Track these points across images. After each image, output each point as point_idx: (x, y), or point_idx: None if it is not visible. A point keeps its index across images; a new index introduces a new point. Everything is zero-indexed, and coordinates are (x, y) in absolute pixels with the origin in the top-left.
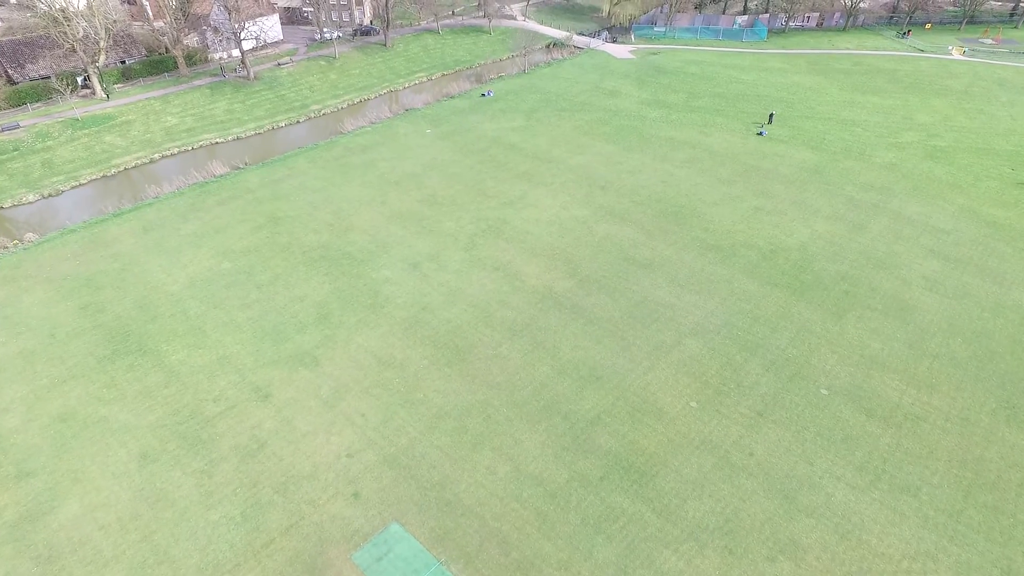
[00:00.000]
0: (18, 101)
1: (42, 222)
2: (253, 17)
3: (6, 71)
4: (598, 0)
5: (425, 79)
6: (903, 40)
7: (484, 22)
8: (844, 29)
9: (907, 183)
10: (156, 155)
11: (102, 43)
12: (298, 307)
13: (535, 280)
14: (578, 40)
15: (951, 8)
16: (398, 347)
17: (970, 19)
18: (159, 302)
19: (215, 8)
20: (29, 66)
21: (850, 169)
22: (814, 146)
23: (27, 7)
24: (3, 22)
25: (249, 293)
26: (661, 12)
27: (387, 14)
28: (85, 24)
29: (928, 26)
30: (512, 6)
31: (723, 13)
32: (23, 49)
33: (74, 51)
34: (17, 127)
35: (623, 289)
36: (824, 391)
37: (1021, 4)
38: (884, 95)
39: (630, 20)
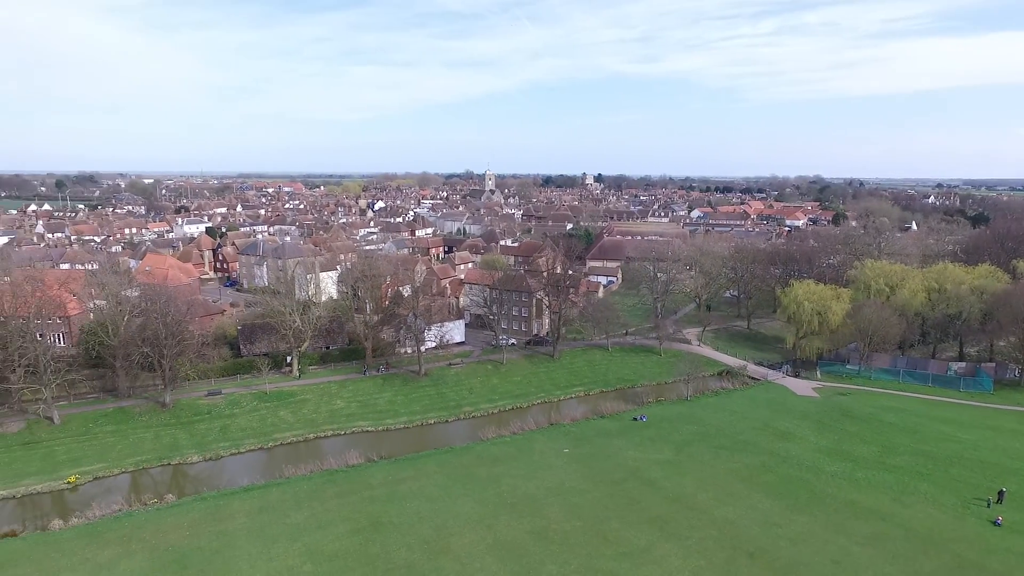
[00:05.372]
0: (234, 371)
1: (185, 485)
2: (441, 321)
3: (239, 346)
4: (782, 331)
5: (583, 394)
6: None
7: (656, 343)
8: None
9: None
10: (311, 435)
11: (309, 333)
12: None
13: None
14: (754, 370)
15: None
16: None
17: None
18: None
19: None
20: (255, 344)
21: None
22: None
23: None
24: (251, 306)
25: None
26: (854, 349)
27: (558, 328)
28: (298, 320)
29: None
30: (688, 330)
31: (932, 357)
32: (257, 330)
33: (285, 338)
34: (219, 393)
35: None
36: None
37: None
38: None
39: (817, 355)
